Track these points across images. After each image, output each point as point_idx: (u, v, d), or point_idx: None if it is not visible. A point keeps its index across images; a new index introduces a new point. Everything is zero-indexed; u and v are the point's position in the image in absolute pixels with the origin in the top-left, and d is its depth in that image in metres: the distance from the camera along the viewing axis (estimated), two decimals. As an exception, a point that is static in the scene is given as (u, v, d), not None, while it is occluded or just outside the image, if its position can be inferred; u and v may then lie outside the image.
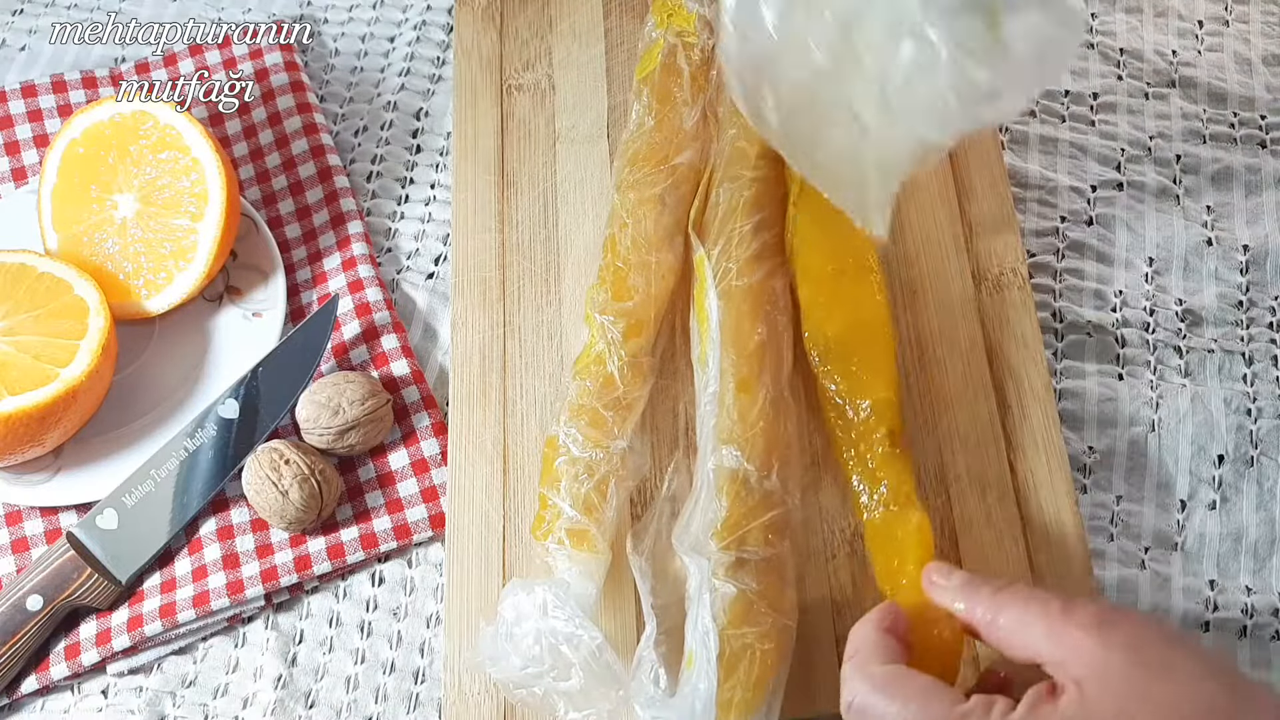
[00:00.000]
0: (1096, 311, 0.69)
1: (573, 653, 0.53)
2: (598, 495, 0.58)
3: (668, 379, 0.64)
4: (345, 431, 0.64)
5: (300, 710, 0.62)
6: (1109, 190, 0.73)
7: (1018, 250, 0.67)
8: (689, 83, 0.67)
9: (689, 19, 0.69)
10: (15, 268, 0.66)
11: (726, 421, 0.57)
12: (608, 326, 0.61)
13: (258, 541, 0.65)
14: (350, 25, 0.81)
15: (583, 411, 0.59)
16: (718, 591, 0.54)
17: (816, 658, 0.58)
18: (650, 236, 0.63)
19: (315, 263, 0.72)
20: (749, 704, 0.52)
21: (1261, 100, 0.76)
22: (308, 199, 0.74)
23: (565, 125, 0.72)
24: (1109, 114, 0.76)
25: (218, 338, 0.69)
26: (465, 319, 0.67)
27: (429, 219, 0.74)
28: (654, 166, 0.65)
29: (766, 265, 0.61)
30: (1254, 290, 0.70)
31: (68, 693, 0.63)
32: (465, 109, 0.73)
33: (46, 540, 0.66)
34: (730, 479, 0.56)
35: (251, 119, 0.76)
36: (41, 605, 0.61)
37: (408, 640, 0.63)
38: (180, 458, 0.65)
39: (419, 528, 0.65)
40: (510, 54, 0.75)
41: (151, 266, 0.68)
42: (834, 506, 0.61)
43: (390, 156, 0.76)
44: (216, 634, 0.64)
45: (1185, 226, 0.72)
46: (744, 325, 0.59)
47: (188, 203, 0.68)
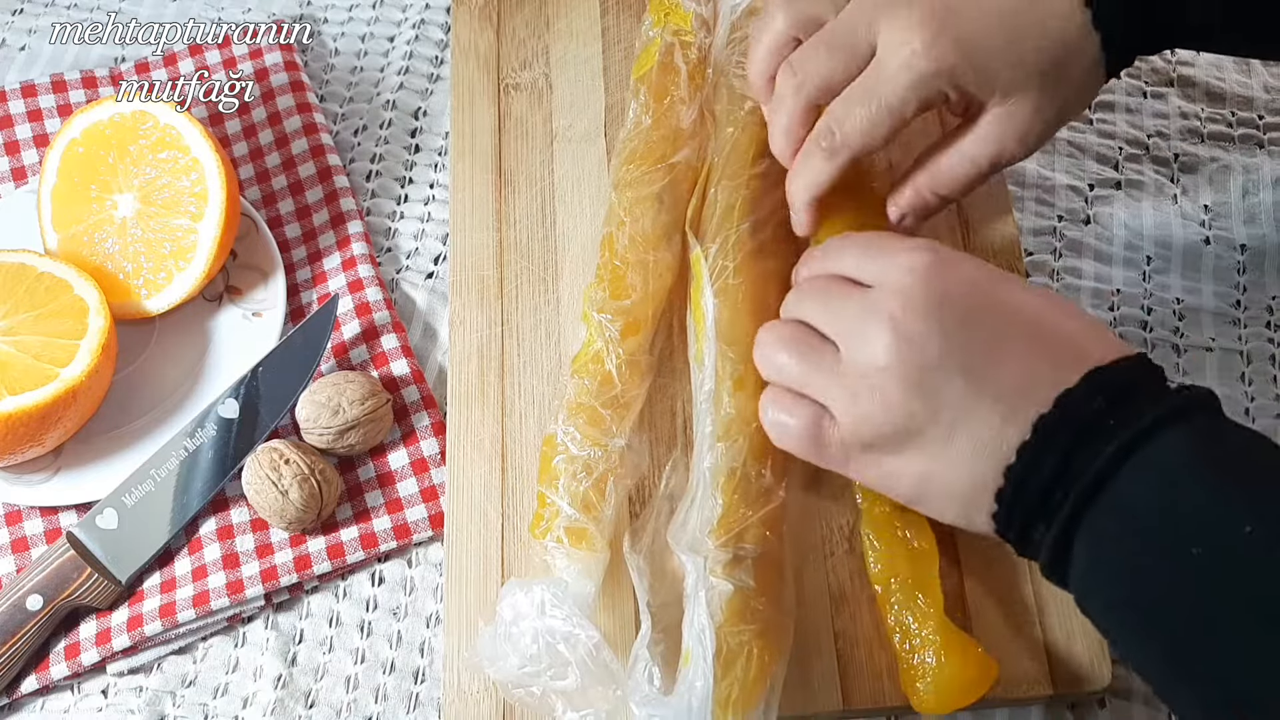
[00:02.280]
0: (1094, 310, 0.69)
1: (570, 652, 0.53)
2: (596, 493, 0.58)
3: (666, 377, 0.64)
4: (345, 431, 0.64)
5: (300, 710, 0.62)
6: (1107, 189, 0.73)
7: (1015, 249, 0.67)
8: (686, 81, 0.67)
9: (686, 18, 0.69)
10: (15, 268, 0.66)
11: (723, 419, 0.57)
12: (605, 325, 0.61)
13: (258, 541, 0.65)
14: (350, 25, 0.81)
15: (581, 410, 0.60)
16: (714, 589, 0.54)
17: (815, 655, 0.58)
18: (648, 235, 0.63)
19: (315, 262, 0.72)
20: (746, 701, 0.52)
21: (1259, 100, 0.76)
22: (308, 199, 0.74)
23: (563, 124, 0.72)
24: (1107, 113, 0.76)
25: (218, 338, 0.69)
26: (463, 318, 0.68)
27: (428, 218, 0.75)
28: (651, 165, 0.65)
29: (764, 264, 0.61)
30: (1251, 290, 0.70)
31: (68, 693, 0.63)
32: (463, 108, 0.73)
33: (46, 540, 0.66)
34: (727, 476, 0.56)
35: (251, 119, 0.76)
36: (41, 605, 0.62)
37: (408, 640, 0.63)
38: (180, 457, 0.65)
39: (419, 527, 0.65)
40: (507, 53, 0.75)
41: (151, 266, 0.68)
42: (832, 503, 0.61)
43: (389, 156, 0.76)
44: (216, 634, 0.64)
45: (1183, 225, 0.72)
46: (740, 323, 0.59)
47: (188, 202, 0.68)
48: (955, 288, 0.50)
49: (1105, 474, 0.45)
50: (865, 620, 0.59)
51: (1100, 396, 0.46)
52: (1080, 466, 0.46)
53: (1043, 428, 0.47)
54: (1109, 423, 0.46)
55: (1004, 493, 0.48)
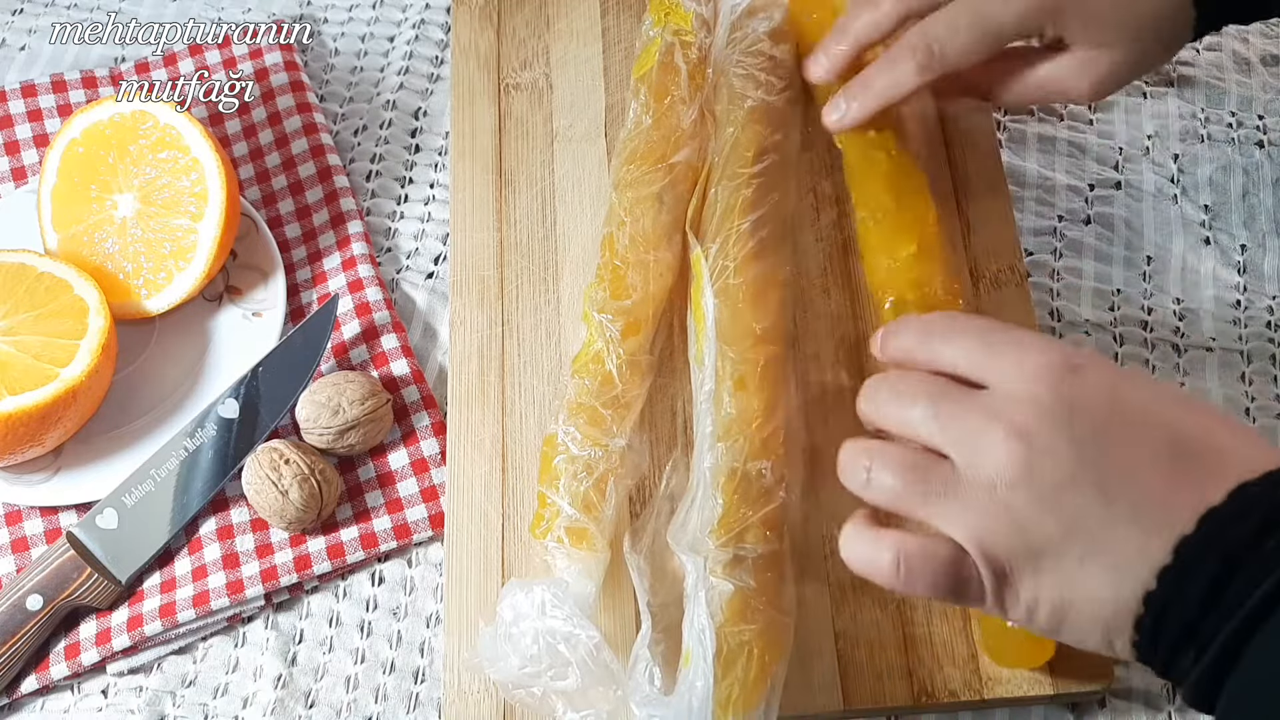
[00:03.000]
0: (1094, 310, 0.69)
1: (571, 652, 0.53)
2: (596, 493, 0.58)
3: (666, 377, 0.64)
4: (345, 431, 0.64)
5: (300, 710, 0.62)
6: (1107, 189, 0.73)
7: (1015, 249, 0.67)
8: (686, 81, 0.67)
9: (686, 17, 0.69)
10: (15, 268, 0.66)
11: (723, 419, 0.57)
12: (606, 325, 0.61)
13: (258, 541, 0.65)
14: (350, 25, 0.81)
15: (581, 410, 0.60)
16: (715, 589, 0.54)
17: (815, 655, 0.58)
18: (648, 235, 0.63)
19: (315, 262, 0.72)
20: (747, 702, 0.52)
21: (1259, 100, 0.76)
22: (308, 199, 0.74)
23: (563, 124, 0.72)
24: (1107, 113, 0.76)
25: (218, 338, 0.69)
26: (463, 318, 0.68)
27: (428, 218, 0.75)
28: (652, 165, 0.65)
29: (764, 263, 0.62)
30: (1251, 290, 0.70)
31: (68, 692, 0.63)
32: (463, 108, 0.73)
33: (46, 540, 0.66)
34: (727, 476, 0.56)
35: (251, 119, 0.76)
36: (41, 605, 0.62)
37: (408, 640, 0.63)
38: (180, 457, 0.65)
39: (419, 527, 0.65)
40: (508, 53, 0.75)
41: (151, 266, 0.68)
42: (832, 503, 0.61)
43: (390, 156, 0.76)
44: (216, 634, 0.64)
45: (1183, 226, 0.72)
46: (740, 323, 0.59)
47: (188, 202, 0.68)
48: (1087, 395, 0.45)
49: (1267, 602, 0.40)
50: (865, 620, 0.59)
51: (1251, 517, 0.41)
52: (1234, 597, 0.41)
53: (1186, 551, 0.42)
54: (1267, 544, 0.41)
55: (1145, 622, 0.43)
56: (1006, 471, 0.44)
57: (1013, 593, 0.45)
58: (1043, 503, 0.44)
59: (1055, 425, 0.44)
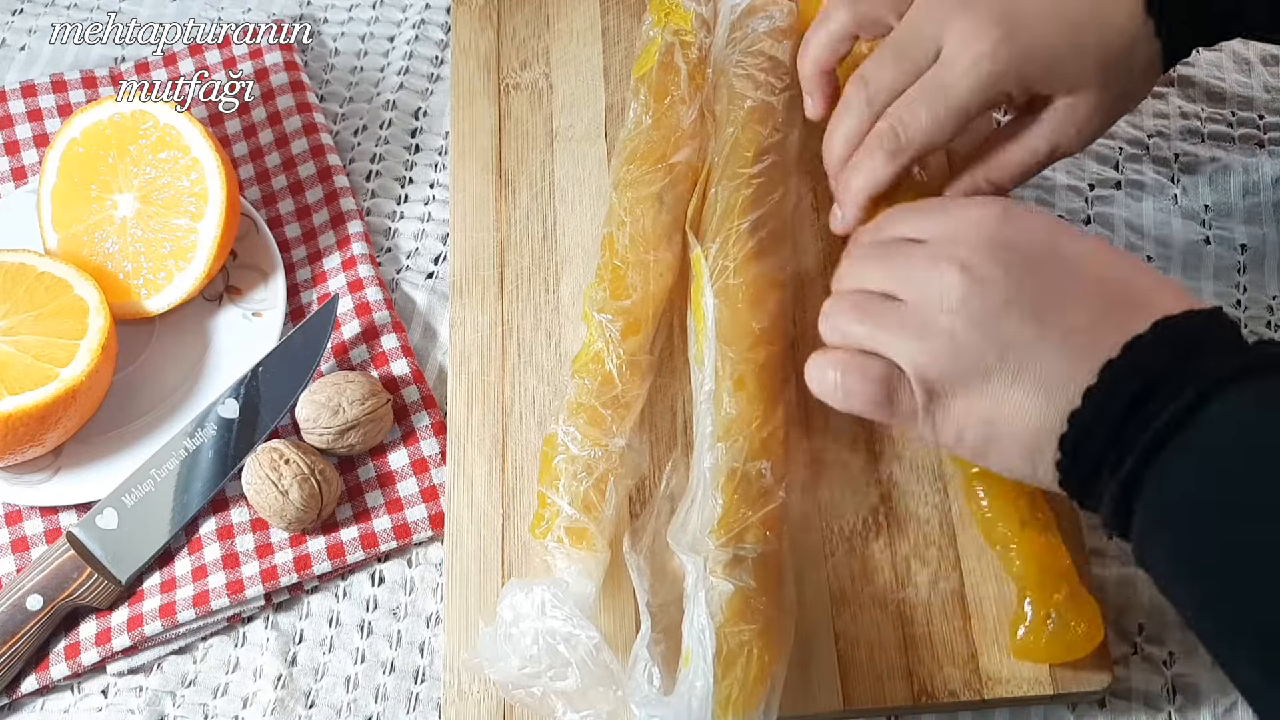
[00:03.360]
0: (1095, 310, 0.69)
1: (570, 652, 0.53)
2: (596, 494, 0.58)
3: (666, 377, 0.64)
4: (345, 431, 0.64)
5: (300, 710, 0.62)
6: (1107, 189, 0.73)
7: (1016, 249, 0.67)
8: (686, 81, 0.67)
9: (686, 17, 0.69)
10: (15, 267, 0.66)
11: (723, 419, 0.57)
12: (606, 325, 0.61)
13: (258, 541, 0.65)
14: (350, 25, 0.81)
15: (581, 410, 0.60)
16: (715, 589, 0.54)
17: (815, 655, 0.58)
18: (648, 235, 0.64)
19: (315, 262, 0.72)
20: (747, 702, 0.52)
21: (1260, 100, 0.76)
22: (307, 199, 0.74)
23: (563, 124, 0.72)
24: (1107, 113, 0.76)
25: (218, 338, 0.69)
26: (463, 318, 0.68)
27: (428, 218, 0.75)
28: (651, 165, 0.65)
29: (763, 263, 0.62)
30: (1251, 290, 0.70)
31: (68, 692, 0.63)
32: (463, 108, 0.73)
33: (46, 540, 0.66)
34: (727, 476, 0.56)
35: (251, 119, 0.76)
36: (41, 605, 0.62)
37: (408, 640, 0.63)
38: (180, 457, 0.65)
39: (419, 527, 0.65)
40: (508, 53, 0.75)
41: (151, 266, 0.68)
42: (832, 503, 0.61)
43: (390, 156, 0.76)
44: (216, 634, 0.64)
45: (1183, 225, 0.72)
46: (740, 323, 0.59)
47: (188, 202, 0.68)
48: (1022, 234, 0.51)
49: (1179, 419, 0.44)
50: (865, 620, 0.59)
51: (1171, 345, 0.46)
52: (1152, 411, 0.45)
53: (1110, 373, 0.46)
54: (1183, 369, 0.45)
55: (1068, 438, 0.47)
56: (947, 298, 0.49)
57: (945, 412, 0.50)
58: (979, 327, 0.49)
59: (993, 257, 0.50)
